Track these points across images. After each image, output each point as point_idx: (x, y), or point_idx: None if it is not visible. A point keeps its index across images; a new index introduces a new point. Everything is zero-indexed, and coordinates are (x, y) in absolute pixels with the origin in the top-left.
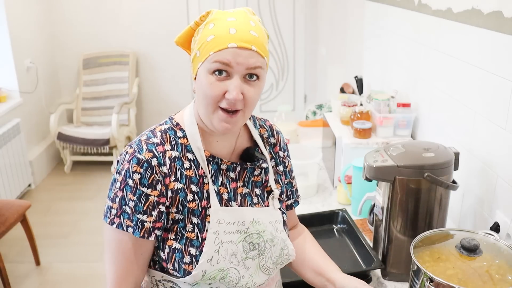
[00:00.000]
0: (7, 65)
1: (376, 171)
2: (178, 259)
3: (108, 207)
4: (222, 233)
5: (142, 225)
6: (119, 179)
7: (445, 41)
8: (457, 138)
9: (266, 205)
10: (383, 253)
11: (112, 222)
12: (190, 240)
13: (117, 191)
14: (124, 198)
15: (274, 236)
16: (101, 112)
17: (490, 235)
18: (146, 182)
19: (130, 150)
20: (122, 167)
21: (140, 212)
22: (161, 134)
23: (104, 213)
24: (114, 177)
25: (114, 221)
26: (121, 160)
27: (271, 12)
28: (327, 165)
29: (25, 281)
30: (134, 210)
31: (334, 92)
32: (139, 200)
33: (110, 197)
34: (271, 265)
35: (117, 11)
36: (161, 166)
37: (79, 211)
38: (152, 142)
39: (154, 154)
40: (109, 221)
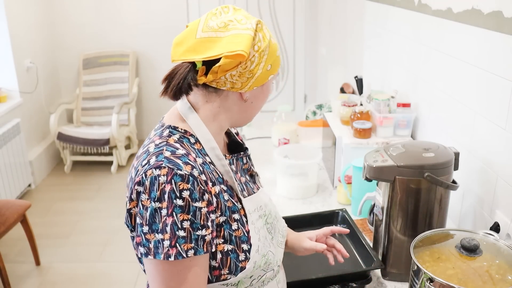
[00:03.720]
0: (7, 65)
1: (376, 171)
2: (234, 259)
3: (157, 242)
4: (255, 221)
5: (203, 240)
6: (163, 206)
7: (445, 41)
8: (457, 138)
9: (258, 188)
10: (383, 253)
11: (168, 256)
12: (239, 238)
13: (165, 219)
14: (175, 222)
15: (275, 212)
16: (101, 112)
17: (490, 235)
18: (196, 196)
19: (162, 171)
20: (161, 191)
21: (198, 228)
22: (180, 144)
23: (153, 251)
24: (153, 207)
25: (170, 253)
26: (153, 186)
27: (271, 12)
28: (327, 165)
29: (25, 281)
30: (192, 228)
31: (334, 92)
32: (195, 216)
33: (156, 230)
34: (281, 239)
35: (117, 11)
36: (201, 175)
37: (79, 211)
38: (181, 154)
39: (192, 166)
40: (163, 256)
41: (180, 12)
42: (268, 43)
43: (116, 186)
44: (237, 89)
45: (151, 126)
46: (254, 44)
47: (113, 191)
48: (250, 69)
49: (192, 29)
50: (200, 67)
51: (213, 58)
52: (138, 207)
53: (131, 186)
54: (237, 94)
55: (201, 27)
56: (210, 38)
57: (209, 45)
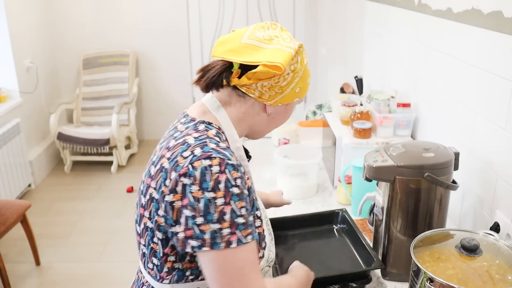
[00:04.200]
0: (7, 65)
1: (376, 171)
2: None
3: (213, 232)
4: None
5: (254, 225)
6: (217, 196)
7: (445, 41)
8: (457, 138)
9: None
10: (383, 253)
11: (230, 243)
12: (260, 234)
13: (222, 208)
14: (233, 210)
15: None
16: (101, 112)
17: (490, 235)
18: (244, 184)
19: (214, 161)
20: (215, 181)
21: (250, 214)
22: (219, 138)
23: (209, 242)
24: (207, 198)
25: (231, 240)
26: (204, 176)
27: (271, 12)
28: (327, 165)
29: (25, 281)
30: (248, 214)
31: (334, 92)
32: (247, 203)
33: (211, 220)
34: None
35: (117, 11)
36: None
37: (79, 211)
38: (224, 147)
39: (235, 157)
40: (224, 245)
41: (180, 12)
42: (304, 67)
43: (116, 186)
44: (263, 100)
45: (151, 126)
46: (292, 64)
47: (113, 191)
48: (280, 85)
49: (238, 34)
50: (235, 69)
51: (251, 64)
52: (187, 199)
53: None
54: (262, 105)
55: (247, 34)
56: (253, 46)
57: (251, 52)
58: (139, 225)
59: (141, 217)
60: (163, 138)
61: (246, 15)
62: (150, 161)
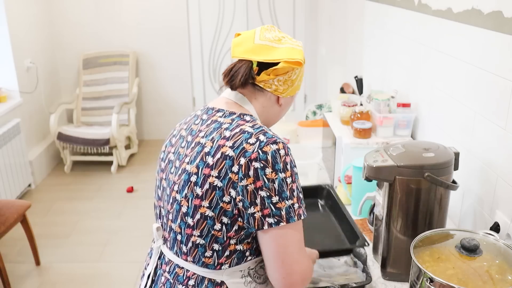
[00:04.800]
0: (7, 65)
1: (376, 171)
2: None
3: (288, 208)
4: None
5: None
6: (287, 175)
7: (445, 41)
8: (457, 138)
9: None
10: (383, 253)
11: (300, 215)
12: None
13: (291, 185)
14: (297, 187)
15: None
16: (101, 112)
17: (490, 235)
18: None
19: (279, 145)
20: (284, 162)
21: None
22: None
23: (285, 217)
24: (280, 178)
25: (300, 212)
26: (275, 159)
27: (271, 12)
28: (327, 165)
29: (25, 281)
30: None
31: (334, 92)
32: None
33: (285, 198)
34: None
35: (117, 11)
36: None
37: (79, 211)
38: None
39: None
40: (297, 217)
41: (180, 12)
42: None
43: (116, 186)
44: (279, 93)
45: (151, 126)
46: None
47: (113, 191)
48: (292, 79)
49: (249, 36)
50: (254, 67)
51: (271, 61)
52: (261, 181)
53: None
54: (276, 98)
55: (258, 36)
56: (267, 46)
57: (267, 51)
58: (192, 217)
59: (195, 208)
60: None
61: (246, 15)
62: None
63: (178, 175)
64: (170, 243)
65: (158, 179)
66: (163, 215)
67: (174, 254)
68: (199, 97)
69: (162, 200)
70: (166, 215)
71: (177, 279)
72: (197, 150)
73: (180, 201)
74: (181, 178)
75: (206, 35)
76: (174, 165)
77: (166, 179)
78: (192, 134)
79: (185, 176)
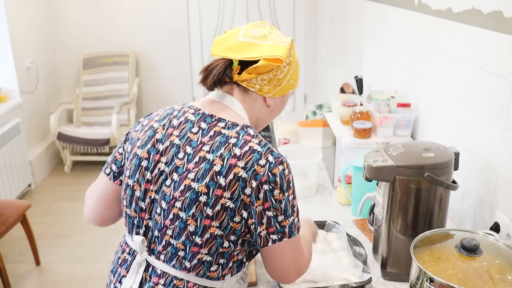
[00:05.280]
0: (7, 65)
1: (376, 171)
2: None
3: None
4: None
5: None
6: (290, 193)
7: (445, 41)
8: (457, 138)
9: None
10: (383, 253)
11: (298, 228)
12: None
13: (292, 202)
14: (296, 202)
15: None
16: (101, 112)
17: (490, 235)
18: None
19: (284, 165)
20: (288, 181)
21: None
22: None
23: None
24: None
25: (298, 226)
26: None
27: (271, 12)
28: (327, 165)
29: (25, 281)
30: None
31: (334, 92)
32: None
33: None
34: None
35: (117, 11)
36: None
37: (79, 211)
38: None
39: None
40: (297, 231)
41: (180, 12)
42: (296, 61)
43: None
44: (264, 93)
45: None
46: (287, 57)
47: None
48: (278, 78)
49: (233, 33)
50: (235, 66)
51: (252, 59)
52: (269, 202)
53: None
54: (262, 98)
55: (243, 33)
56: (250, 43)
57: (249, 49)
58: (201, 237)
59: (205, 228)
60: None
61: (246, 15)
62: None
63: (180, 192)
64: (166, 257)
65: (139, 189)
66: (152, 228)
67: (171, 267)
68: (199, 97)
69: (148, 212)
70: (161, 230)
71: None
72: (204, 167)
73: (186, 219)
74: (186, 196)
75: (206, 36)
76: (171, 177)
77: (158, 191)
78: (191, 145)
79: (191, 195)
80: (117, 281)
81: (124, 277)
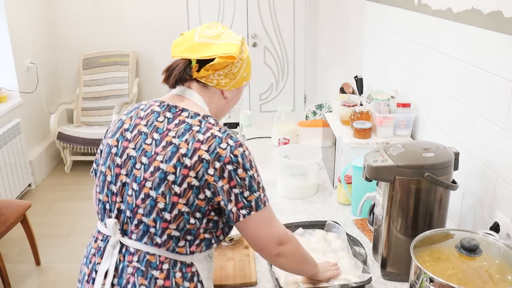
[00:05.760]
0: (7, 65)
1: (376, 171)
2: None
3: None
4: None
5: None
6: (253, 171)
7: (445, 41)
8: (457, 138)
9: None
10: (383, 253)
11: (264, 202)
12: None
13: (257, 180)
14: (260, 179)
15: None
16: (101, 112)
17: (490, 235)
18: None
19: (244, 147)
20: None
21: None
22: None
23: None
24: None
25: (265, 200)
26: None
27: (271, 12)
28: (327, 165)
29: (25, 281)
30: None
31: (334, 92)
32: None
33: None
34: None
35: (117, 11)
36: None
37: (79, 211)
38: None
39: None
40: (263, 204)
41: (180, 12)
42: (247, 55)
43: None
44: (221, 87)
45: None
46: (240, 53)
47: None
48: (233, 72)
49: (190, 35)
50: (194, 65)
51: (207, 58)
52: (234, 181)
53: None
54: (220, 91)
55: (198, 34)
56: (205, 43)
57: (204, 49)
58: (170, 213)
59: (173, 204)
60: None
61: (246, 15)
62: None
63: (150, 173)
64: (138, 235)
65: (110, 174)
66: (124, 210)
67: (143, 244)
68: None
69: (122, 195)
70: (133, 210)
71: (150, 265)
72: (171, 150)
73: (156, 197)
74: (155, 176)
75: None
76: (139, 161)
77: (129, 175)
78: (158, 132)
79: (160, 175)
80: (92, 271)
81: (99, 264)
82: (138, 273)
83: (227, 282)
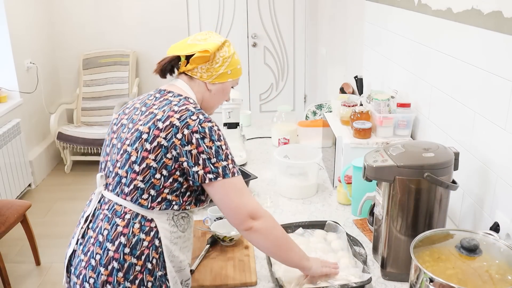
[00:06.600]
0: (7, 65)
1: (376, 171)
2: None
3: (224, 167)
4: None
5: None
6: (222, 143)
7: (445, 41)
8: (457, 138)
9: None
10: (383, 253)
11: (234, 173)
12: None
13: (226, 151)
14: (230, 152)
15: None
16: (101, 112)
17: (490, 235)
18: None
19: (213, 123)
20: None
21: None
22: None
23: (222, 174)
24: (216, 145)
25: (234, 171)
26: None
27: (271, 12)
28: (327, 165)
29: (25, 281)
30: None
31: (334, 92)
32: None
33: (221, 159)
34: None
35: (117, 11)
36: None
37: (79, 211)
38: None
39: None
40: (231, 174)
41: (180, 12)
42: (231, 55)
43: None
44: (204, 79)
45: None
46: (220, 52)
47: None
48: (214, 67)
49: (185, 40)
50: (183, 60)
51: (190, 54)
52: (202, 147)
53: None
54: (204, 84)
55: (191, 39)
56: (194, 44)
57: (191, 47)
58: (139, 165)
59: (143, 158)
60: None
61: (246, 15)
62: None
63: (131, 133)
64: (113, 186)
65: (108, 139)
66: (109, 166)
67: (115, 194)
68: None
69: (110, 154)
70: (114, 164)
71: (115, 213)
72: (150, 117)
73: (131, 152)
74: (134, 135)
75: None
76: (127, 127)
77: (117, 138)
78: (146, 106)
79: (137, 134)
80: (81, 217)
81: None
82: (105, 219)
83: (227, 282)
